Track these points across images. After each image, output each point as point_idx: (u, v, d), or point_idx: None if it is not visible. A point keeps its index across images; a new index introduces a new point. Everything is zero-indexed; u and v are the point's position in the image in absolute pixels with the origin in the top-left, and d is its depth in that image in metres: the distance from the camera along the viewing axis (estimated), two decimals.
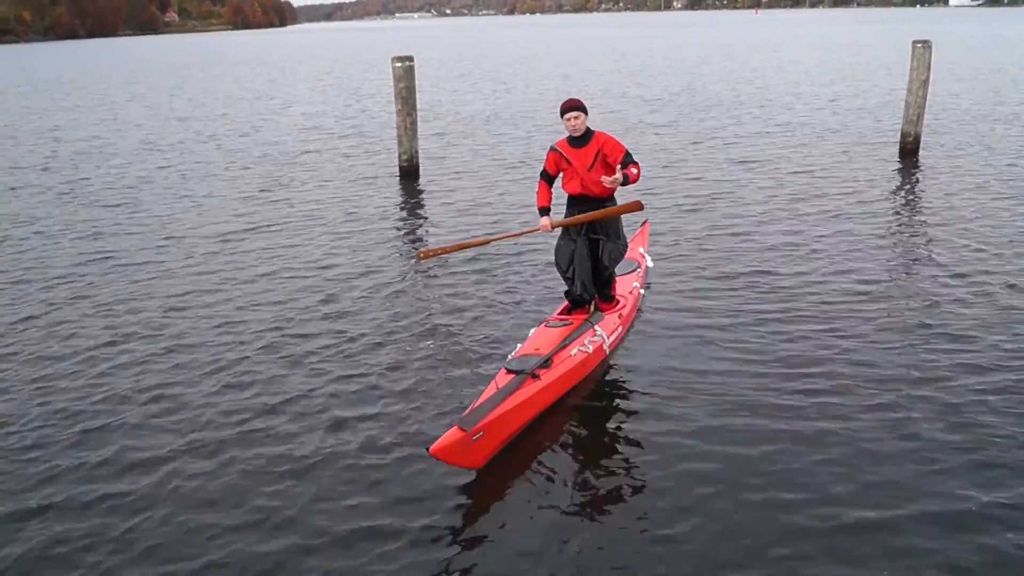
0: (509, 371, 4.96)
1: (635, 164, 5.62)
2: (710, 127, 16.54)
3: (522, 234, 6.71)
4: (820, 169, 12.19)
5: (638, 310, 6.54)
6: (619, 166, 5.57)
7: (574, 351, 5.28)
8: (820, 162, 12.71)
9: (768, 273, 7.52)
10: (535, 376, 4.87)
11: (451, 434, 4.22)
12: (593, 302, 6.02)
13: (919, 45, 12.15)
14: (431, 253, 6.59)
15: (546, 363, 5.02)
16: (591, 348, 5.41)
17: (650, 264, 7.17)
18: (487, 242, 6.84)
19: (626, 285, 6.51)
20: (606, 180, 5.52)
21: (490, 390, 4.76)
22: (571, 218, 5.84)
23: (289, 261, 8.40)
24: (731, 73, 28.99)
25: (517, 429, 4.72)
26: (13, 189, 12.53)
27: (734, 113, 18.49)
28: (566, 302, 6.10)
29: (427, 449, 4.15)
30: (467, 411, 4.50)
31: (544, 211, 5.92)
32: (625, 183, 5.60)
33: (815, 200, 10.29)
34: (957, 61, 29.92)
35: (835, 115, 17.65)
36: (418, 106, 12.24)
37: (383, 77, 28.35)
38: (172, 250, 8.92)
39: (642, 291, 6.70)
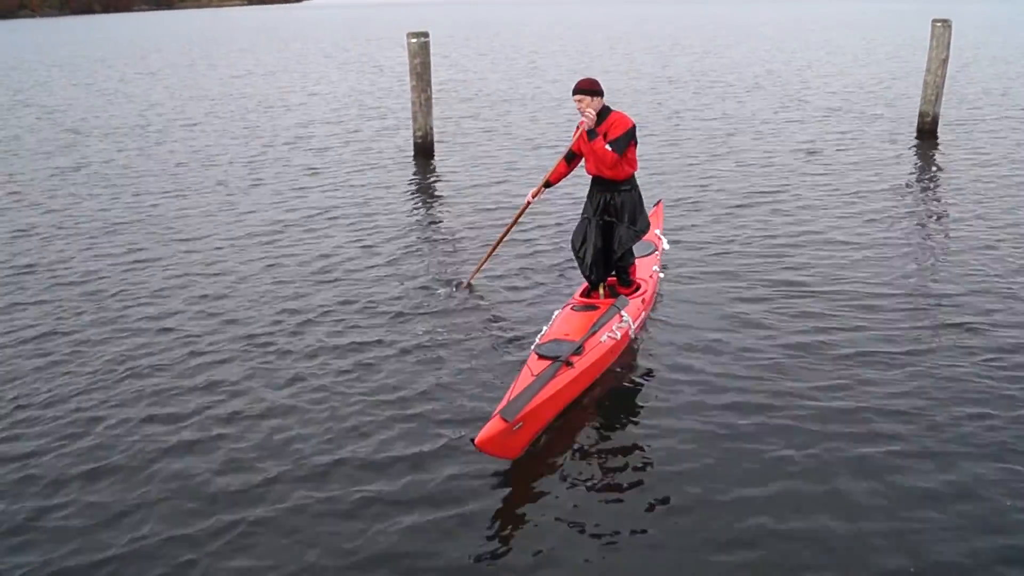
0: (541, 356, 4.86)
1: (617, 150, 5.43)
2: (728, 108, 16.44)
3: (517, 218, 6.36)
4: (835, 149, 12.11)
5: (658, 294, 6.48)
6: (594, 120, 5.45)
7: (603, 337, 5.20)
8: (835, 142, 12.63)
9: (784, 256, 7.49)
10: (569, 364, 4.79)
11: (494, 424, 4.12)
12: (604, 284, 5.96)
13: (939, 24, 12.02)
14: (472, 278, 6.78)
15: (578, 350, 4.93)
16: (619, 334, 5.33)
17: (666, 247, 7.03)
18: (499, 243, 6.77)
19: (645, 268, 6.41)
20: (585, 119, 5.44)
21: (525, 377, 4.66)
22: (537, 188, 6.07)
23: (300, 244, 8.29)
24: (752, 54, 28.72)
25: (552, 417, 4.65)
26: (30, 171, 12.39)
27: (750, 94, 18.36)
28: (585, 283, 6.06)
29: (472, 440, 4.05)
30: (504, 400, 4.40)
31: (547, 184, 5.93)
32: (591, 137, 5.45)
33: (829, 180, 10.23)
34: (978, 41, 29.51)
35: (852, 94, 17.50)
36: (434, 83, 12.22)
37: (399, 54, 28.26)
38: (186, 239, 8.62)
39: (660, 274, 6.62)
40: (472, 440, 4.06)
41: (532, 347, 5.13)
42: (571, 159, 5.87)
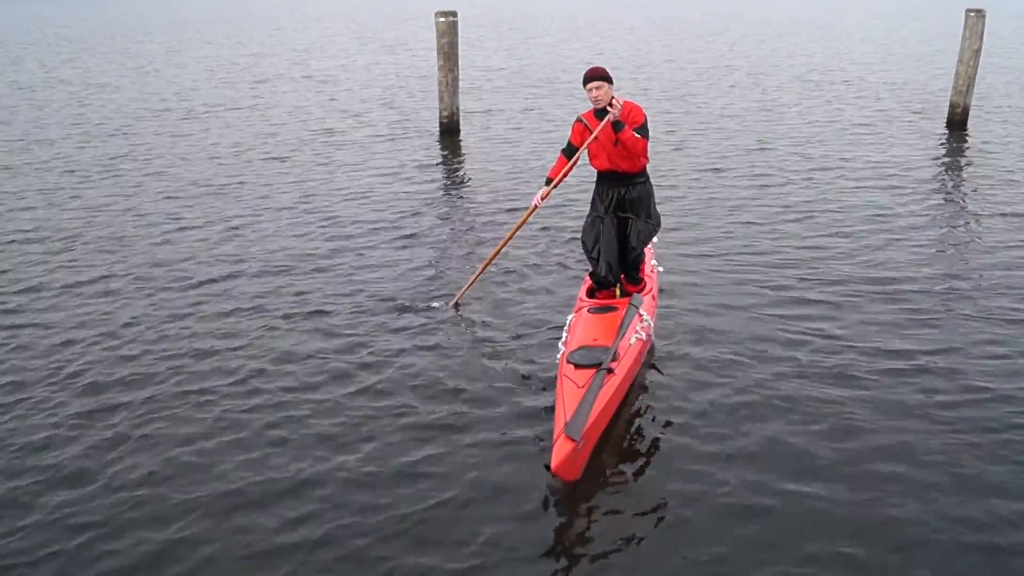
0: (579, 366, 4.59)
1: (645, 137, 5.26)
2: (757, 96, 16.36)
3: (525, 220, 6.11)
4: (862, 138, 12.02)
5: (660, 289, 6.20)
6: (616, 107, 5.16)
7: (632, 339, 4.95)
8: (863, 131, 12.53)
9: (804, 248, 7.44)
10: (610, 371, 4.53)
11: (563, 446, 3.89)
12: (618, 284, 5.69)
13: (972, 14, 11.89)
14: (460, 297, 6.25)
15: (615, 356, 4.66)
16: (643, 335, 5.08)
17: (654, 240, 6.49)
18: (500, 250, 6.30)
19: (645, 265, 6.07)
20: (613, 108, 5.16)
21: (571, 389, 4.41)
22: (549, 188, 5.67)
23: (318, 224, 8.22)
24: (781, 42, 28.42)
25: (602, 430, 4.41)
26: (48, 160, 11.61)
27: (778, 83, 18.23)
28: (588, 282, 5.78)
29: (547, 467, 3.87)
30: (559, 417, 4.18)
31: (548, 181, 5.66)
32: (618, 128, 5.14)
33: (855, 171, 10.16)
34: (1013, 32, 29.02)
35: (882, 84, 17.31)
36: (462, 64, 12.25)
37: (426, 32, 28.21)
38: (210, 224, 8.39)
39: (660, 268, 6.33)
40: (546, 467, 3.87)
41: (559, 355, 4.87)
42: (571, 153, 5.56)
